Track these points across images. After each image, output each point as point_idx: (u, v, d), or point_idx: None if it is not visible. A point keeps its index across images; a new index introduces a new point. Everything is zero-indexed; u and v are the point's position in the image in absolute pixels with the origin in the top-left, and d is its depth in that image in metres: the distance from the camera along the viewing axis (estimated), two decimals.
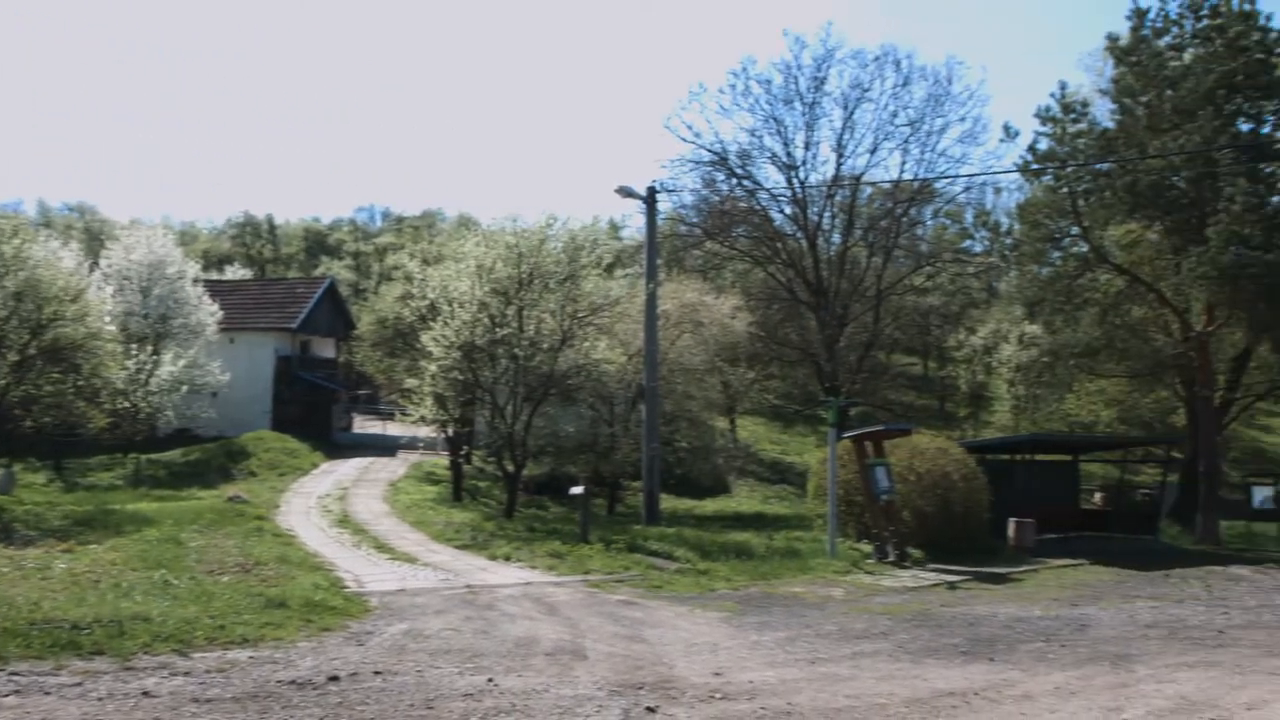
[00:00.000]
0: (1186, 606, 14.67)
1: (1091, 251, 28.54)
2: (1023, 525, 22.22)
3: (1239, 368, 32.71)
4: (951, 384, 50.95)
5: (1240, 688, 8.98)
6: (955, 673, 9.14)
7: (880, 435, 19.87)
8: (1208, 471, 28.84)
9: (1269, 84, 25.54)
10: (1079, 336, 30.43)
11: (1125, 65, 27.59)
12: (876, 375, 37.98)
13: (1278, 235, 24.50)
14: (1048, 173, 27.86)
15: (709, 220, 34.18)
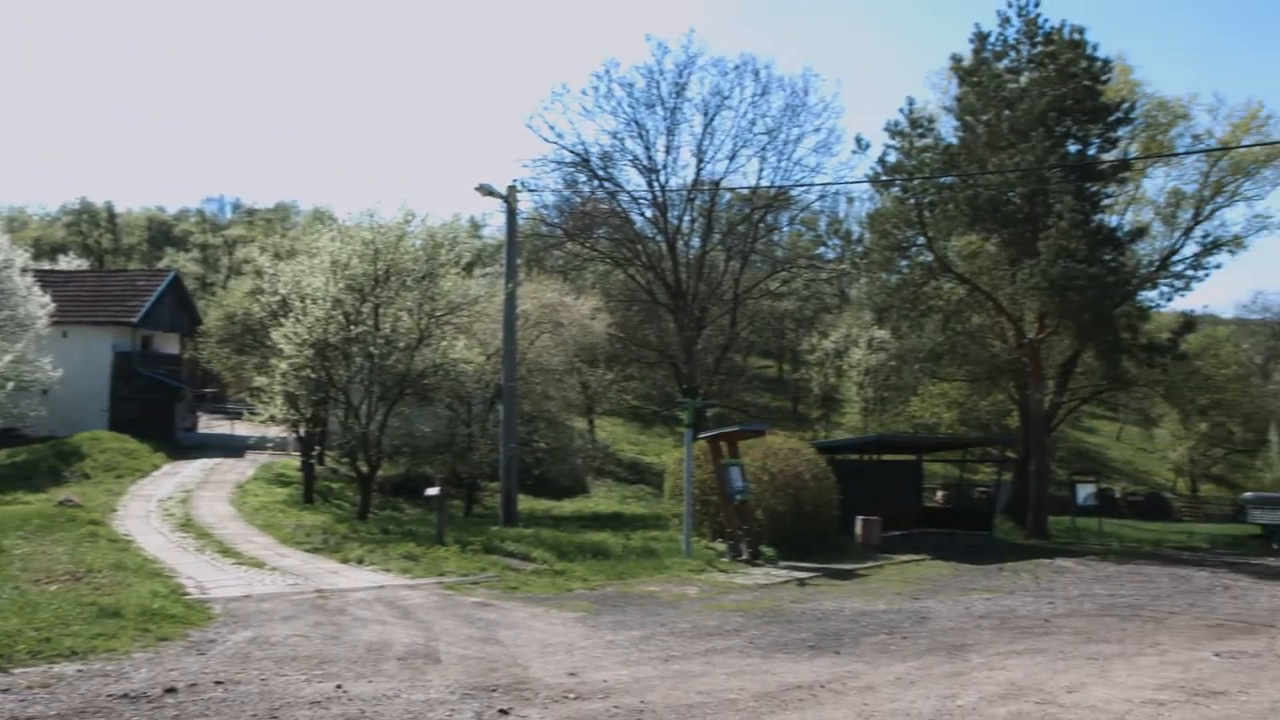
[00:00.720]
0: (1017, 598, 15.54)
1: (936, 261, 29.93)
2: (869, 523, 23.09)
3: (1066, 373, 34.85)
4: (804, 386, 52.52)
5: (1063, 672, 9.59)
6: (803, 666, 9.46)
7: (735, 436, 20.31)
8: (1038, 471, 30.61)
9: (1095, 109, 27.31)
10: (924, 342, 31.89)
11: (968, 85, 29.03)
12: (733, 377, 38.80)
13: (1100, 250, 26.24)
14: (896, 184, 29.04)
15: (570, 221, 34.28)
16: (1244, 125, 34.52)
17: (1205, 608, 15.12)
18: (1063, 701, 8.33)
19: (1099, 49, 27.63)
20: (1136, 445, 64.37)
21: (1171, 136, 34.69)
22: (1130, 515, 44.81)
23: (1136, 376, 32.49)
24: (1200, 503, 53.23)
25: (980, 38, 29.05)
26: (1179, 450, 54.29)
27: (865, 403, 44.98)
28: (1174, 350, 30.12)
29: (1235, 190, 34.70)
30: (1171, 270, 34.06)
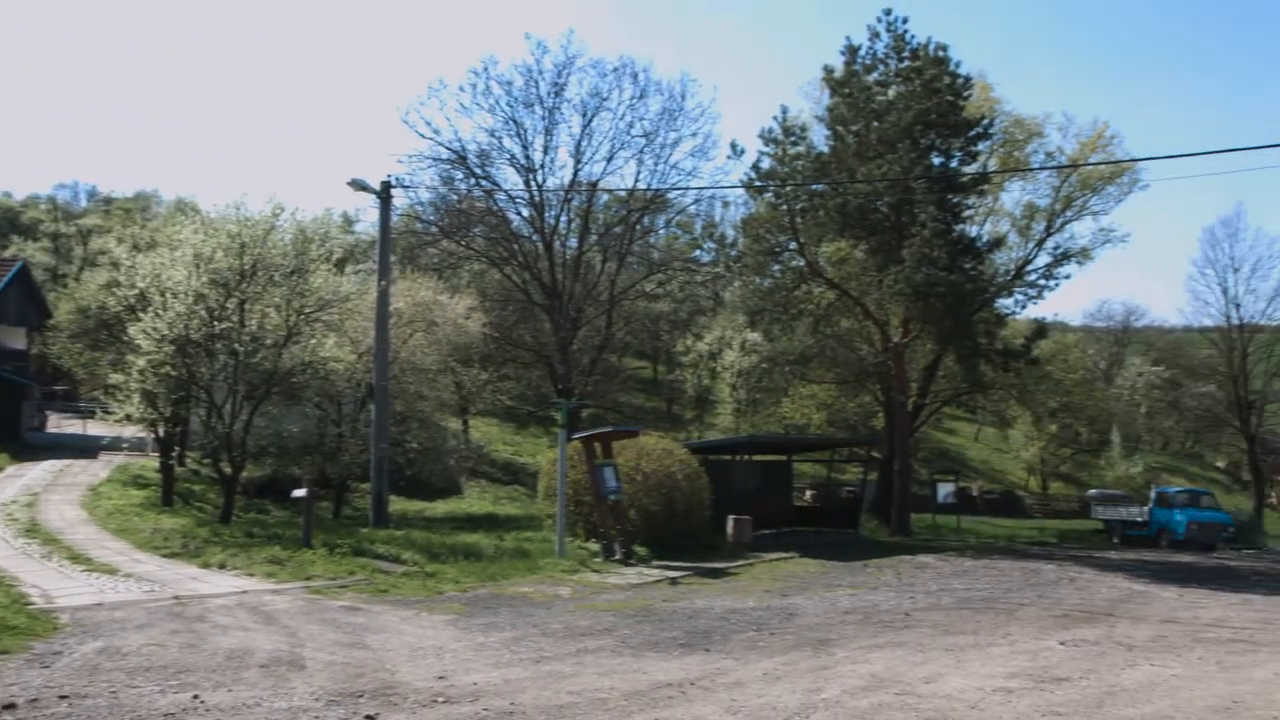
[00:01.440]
0: (880, 593, 16.09)
1: (807, 266, 30.70)
2: (740, 522, 23.53)
3: (929, 376, 36.23)
4: (679, 387, 53.08)
5: (921, 663, 9.99)
6: (674, 664, 9.59)
7: (609, 436, 20.42)
8: (902, 470, 31.71)
9: (957, 123, 28.48)
10: (794, 345, 32.67)
11: (839, 96, 29.88)
12: (608, 378, 38.98)
13: (961, 259, 27.36)
14: (769, 190, 29.66)
15: (446, 219, 33.83)
16: (1091, 144, 36.59)
17: (1052, 599, 15.95)
18: (920, 692, 8.68)
19: (961, 66, 28.87)
20: (993, 445, 67.28)
21: (1027, 152, 36.51)
22: (987, 512, 46.89)
23: (993, 380, 33.96)
24: (1050, 500, 56.01)
25: (851, 50, 29.94)
26: (1031, 450, 56.98)
27: (738, 404, 45.76)
28: (1027, 355, 31.62)
29: (1083, 205, 36.77)
30: (1025, 279, 35.83)
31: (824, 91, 31.83)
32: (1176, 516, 33.25)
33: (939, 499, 38.24)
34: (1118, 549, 31.21)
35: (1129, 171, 36.08)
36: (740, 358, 44.54)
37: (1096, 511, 40.49)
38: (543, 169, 32.98)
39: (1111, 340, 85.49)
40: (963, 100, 29.10)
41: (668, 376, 55.21)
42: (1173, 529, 32.99)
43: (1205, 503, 35.06)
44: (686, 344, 49.70)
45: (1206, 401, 62.13)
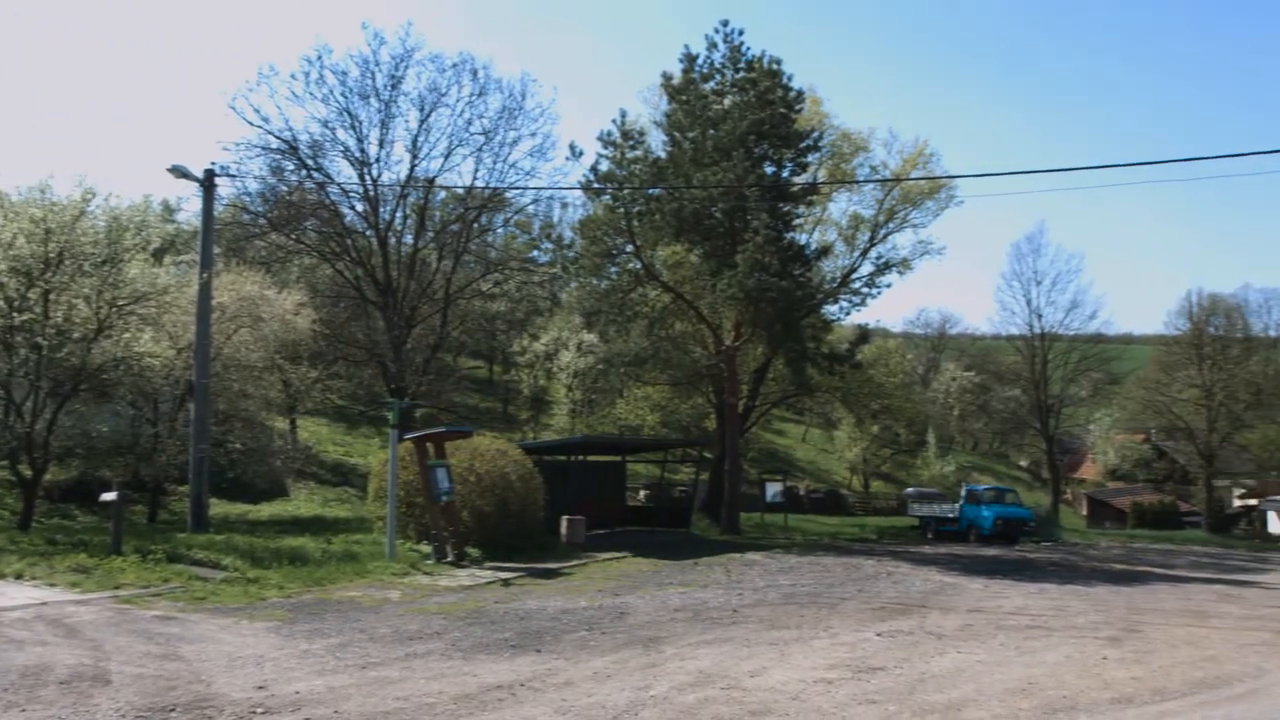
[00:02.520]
0: (710, 591, 16.46)
1: (643, 269, 31.10)
2: (574, 522, 23.63)
3: (759, 379, 37.28)
4: (515, 387, 52.83)
5: (748, 658, 10.29)
6: (504, 666, 9.55)
7: (442, 437, 20.14)
8: (732, 470, 32.50)
9: (789, 135, 29.44)
10: (630, 346, 32.99)
11: (677, 103, 30.40)
12: (442, 377, 38.41)
13: (791, 266, 28.29)
14: (607, 193, 29.89)
15: (275, 211, 32.49)
16: (913, 160, 38.48)
17: (871, 593, 16.71)
18: (746, 685, 8.95)
19: (794, 80, 29.86)
20: (819, 446, 69.85)
21: (853, 165, 38.07)
22: (812, 510, 48.63)
23: (819, 383, 35.23)
24: (871, 498, 58.60)
25: (690, 59, 30.52)
26: (854, 451, 59.44)
27: (573, 405, 45.90)
28: (851, 360, 32.97)
29: (905, 218, 38.60)
30: (851, 287, 37.34)
31: (662, 98, 32.32)
32: (984, 513, 35.37)
33: (767, 498, 39.43)
34: (932, 544, 32.92)
35: (946, 188, 38.12)
36: (576, 358, 44.69)
37: (913, 509, 42.64)
38: (378, 163, 32.15)
39: (929, 346, 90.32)
40: (795, 113, 30.10)
41: (504, 377, 54.88)
42: (980, 524, 35.07)
43: (1009, 500, 37.44)
44: (523, 344, 49.50)
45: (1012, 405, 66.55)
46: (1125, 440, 72.13)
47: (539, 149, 34.27)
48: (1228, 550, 35.88)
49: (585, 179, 29.87)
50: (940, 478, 60.23)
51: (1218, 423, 53.17)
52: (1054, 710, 8.29)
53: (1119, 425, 69.24)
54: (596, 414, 45.19)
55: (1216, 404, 52.70)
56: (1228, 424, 53.55)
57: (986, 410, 76.74)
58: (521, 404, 52.58)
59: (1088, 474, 78.41)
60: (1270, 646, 12.00)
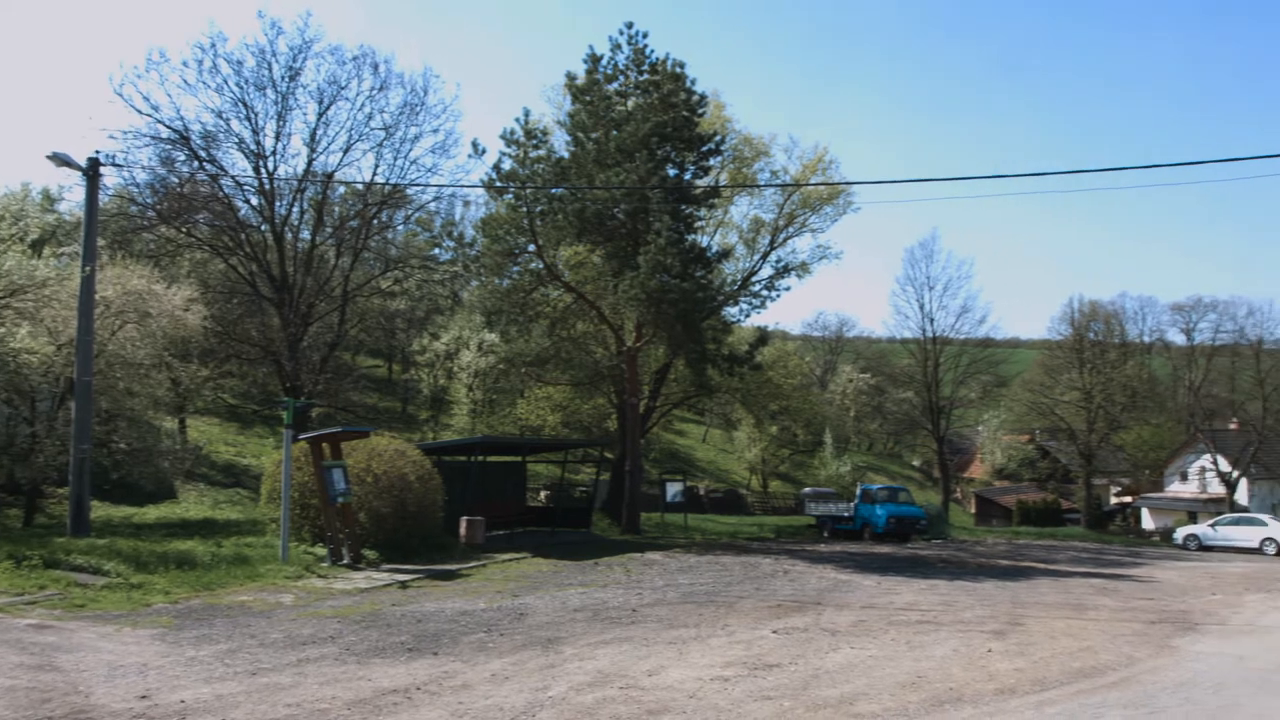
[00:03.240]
0: (609, 591, 16.51)
1: (545, 269, 30.98)
2: (473, 523, 23.44)
3: (660, 379, 37.51)
4: (414, 387, 52.09)
5: (646, 657, 10.36)
6: (400, 670, 9.42)
7: (338, 437, 19.75)
8: (633, 470, 32.62)
9: (691, 138, 29.69)
10: (531, 346, 32.84)
11: (580, 103, 30.36)
12: (340, 376, 37.59)
13: (692, 268, 28.53)
14: (509, 191, 29.69)
15: (165, 202, 31.33)
16: (812, 166, 39.23)
17: (768, 591, 16.98)
18: (644, 685, 9.01)
19: (697, 84, 30.12)
20: (719, 446, 70.63)
21: (755, 169, 38.62)
22: (712, 510, 49.17)
23: (720, 384, 35.61)
24: (770, 497, 59.51)
25: (594, 59, 30.52)
26: (753, 451, 60.26)
27: (474, 405, 45.50)
28: (751, 361, 33.39)
29: (804, 222, 39.34)
30: (751, 289, 37.86)
31: (566, 98, 32.24)
32: (878, 511, 36.29)
33: (668, 498, 39.73)
34: (827, 542, 33.62)
35: (844, 194, 38.99)
36: (477, 358, 44.30)
37: (809, 508, 43.48)
38: (274, 156, 31.30)
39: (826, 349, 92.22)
40: (698, 116, 30.37)
41: (403, 376, 54.04)
42: (874, 523, 35.98)
43: (902, 498, 38.49)
44: (423, 343, 48.86)
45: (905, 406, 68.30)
46: (1011, 440, 74.79)
47: (441, 146, 34.07)
48: (1105, 546, 37.54)
49: (488, 177, 29.63)
50: (837, 477, 61.48)
51: (1096, 424, 55.57)
52: (941, 702, 8.56)
53: (1006, 426, 71.76)
54: (497, 414, 44.87)
55: (1095, 406, 55.07)
56: (1105, 425, 56.01)
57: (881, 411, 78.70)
58: (421, 404, 51.89)
59: (976, 473, 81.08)
60: (1141, 636, 12.61)
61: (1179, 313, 67.49)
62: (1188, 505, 59.47)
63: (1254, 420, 55.76)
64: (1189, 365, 65.52)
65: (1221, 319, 63.19)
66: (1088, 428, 55.81)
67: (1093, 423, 55.57)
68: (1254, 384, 56.08)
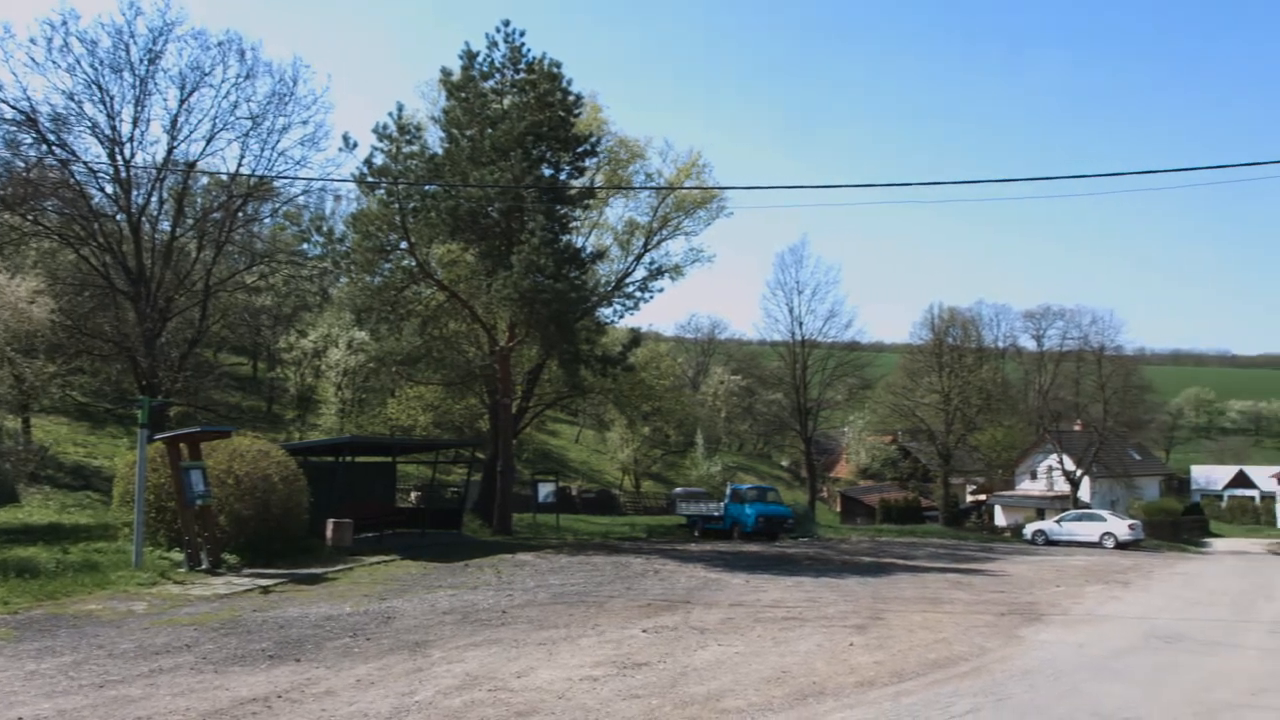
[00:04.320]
0: (479, 592, 16.39)
1: (417, 266, 30.47)
2: (340, 525, 22.91)
3: (533, 380, 37.37)
4: (280, 386, 50.53)
5: (516, 659, 10.34)
6: (260, 678, 9.16)
7: (197, 437, 19.04)
8: (505, 471, 32.41)
9: (567, 138, 29.70)
10: (402, 345, 32.23)
11: (455, 99, 30.00)
12: (200, 374, 36.13)
13: (566, 268, 28.52)
14: (381, 187, 29.11)
15: (9, 188, 29.52)
16: (687, 170, 39.75)
17: (639, 590, 17.14)
18: (513, 686, 9.00)
19: (574, 84, 30.10)
20: (592, 447, 70.78)
21: (630, 172, 38.87)
22: (585, 510, 49.24)
23: (592, 385, 35.68)
24: (642, 497, 59.96)
25: (470, 56, 30.18)
26: (626, 451, 60.63)
27: (343, 404, 44.45)
28: (624, 362, 33.58)
29: (678, 225, 39.81)
30: (624, 291, 38.12)
31: (441, 94, 31.74)
32: (747, 511, 37.01)
33: (540, 498, 39.61)
34: (698, 541, 34.09)
35: (717, 198, 39.61)
36: (346, 356, 43.31)
37: (680, 508, 44.02)
38: (131, 142, 29.82)
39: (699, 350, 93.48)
40: (574, 117, 30.38)
41: (269, 374, 52.31)
42: (744, 522, 36.67)
43: (771, 498, 39.36)
44: (290, 340, 47.44)
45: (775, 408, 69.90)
46: (875, 441, 77.36)
47: (311, 138, 32.75)
48: (961, 542, 39.20)
49: (359, 172, 28.93)
50: (708, 477, 62.41)
51: (954, 425, 57.99)
52: (804, 696, 8.82)
53: (870, 427, 74.18)
54: (367, 414, 43.94)
55: (953, 408, 57.46)
56: (962, 426, 58.51)
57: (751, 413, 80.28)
58: (288, 403, 50.37)
59: (842, 473, 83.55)
60: (992, 627, 13.24)
61: (1030, 320, 70.96)
62: (1036, 502, 62.72)
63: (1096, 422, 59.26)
64: (1039, 370, 68.96)
65: (1068, 326, 66.72)
66: (946, 429, 58.16)
67: (950, 424, 57.94)
68: (1096, 388, 59.55)
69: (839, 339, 56.71)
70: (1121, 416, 60.32)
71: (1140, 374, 69.50)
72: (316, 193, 36.70)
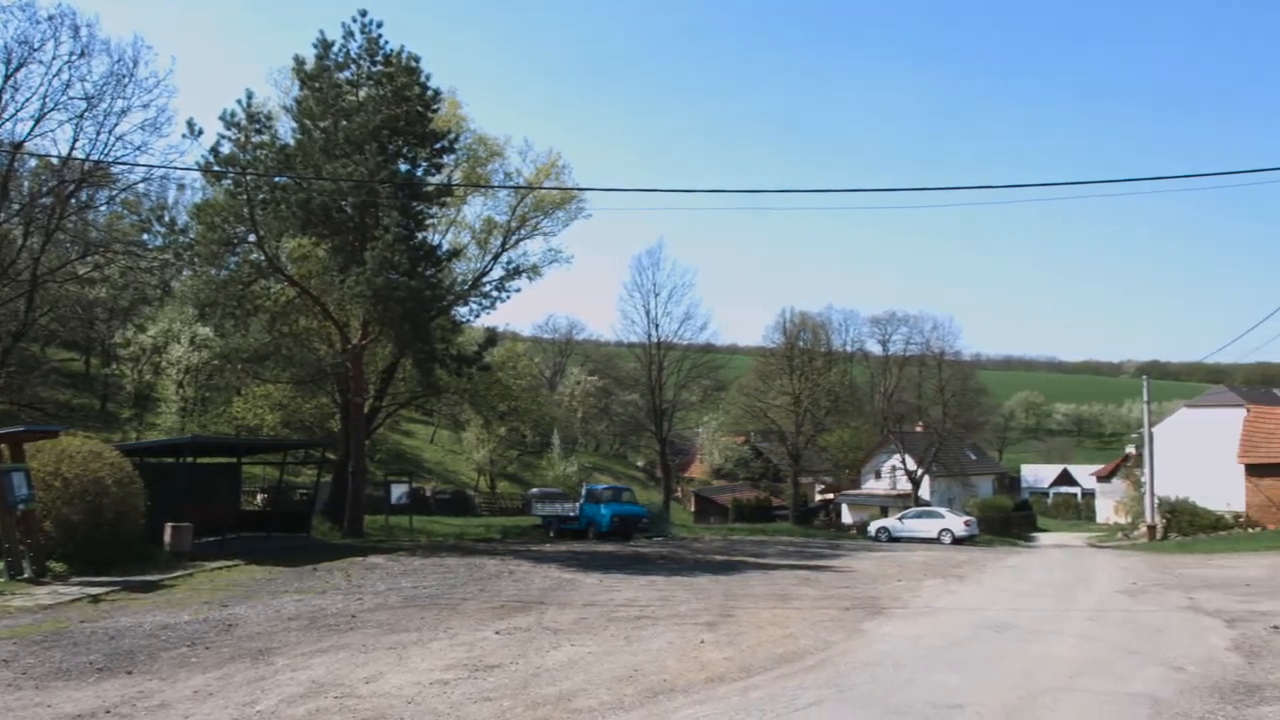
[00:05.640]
0: (328, 597, 15.96)
1: (266, 260, 29.43)
2: (180, 529, 21.94)
3: (387, 379, 36.62)
4: (116, 383, 47.92)
5: (364, 664, 10.13)
6: (88, 692, 8.69)
7: (20, 437, 17.90)
8: (356, 472, 31.66)
9: (425, 134, 29.21)
10: (249, 342, 31.11)
11: (309, 89, 29.11)
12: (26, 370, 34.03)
13: (422, 265, 28.08)
14: (228, 177, 28.01)
15: None
16: (546, 170, 39.68)
17: (492, 592, 17.02)
18: (361, 693, 8.82)
19: (432, 79, 29.64)
20: (447, 447, 69.80)
21: (489, 170, 38.57)
22: (439, 511, 48.56)
23: (448, 384, 35.24)
24: (498, 498, 59.54)
25: (325, 45, 29.35)
26: (482, 452, 60.10)
27: (185, 403, 42.56)
28: (480, 362, 33.27)
29: (536, 225, 39.73)
30: (481, 290, 37.74)
31: (294, 83, 30.77)
32: (602, 511, 37.25)
33: (393, 499, 38.89)
34: (553, 542, 34.09)
35: (576, 199, 39.67)
36: (189, 353, 41.50)
37: (536, 508, 43.94)
38: None
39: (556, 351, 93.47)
40: (432, 112, 29.91)
41: (104, 371, 49.54)
42: (599, 522, 36.90)
43: (626, 498, 39.74)
44: (127, 336, 45.07)
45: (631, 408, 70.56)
46: (729, 442, 78.94)
47: (153, 123, 31.17)
48: (809, 540, 40.40)
49: (205, 160, 27.74)
50: (564, 478, 62.46)
51: (803, 426, 59.81)
52: (655, 694, 8.94)
53: (724, 428, 75.68)
54: (211, 413, 42.20)
55: (803, 410, 59.26)
56: (811, 427, 60.41)
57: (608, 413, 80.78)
58: (124, 401, 47.84)
59: (696, 473, 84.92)
60: (836, 622, 13.72)
61: (877, 325, 73.66)
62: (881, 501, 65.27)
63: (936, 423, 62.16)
64: (884, 373, 71.68)
65: (912, 332, 69.59)
66: (796, 430, 59.90)
67: (800, 425, 59.71)
68: (936, 391, 62.48)
69: (694, 341, 57.72)
70: (959, 418, 63.48)
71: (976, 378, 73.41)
72: (158, 180, 35.17)
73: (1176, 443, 48.22)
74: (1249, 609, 14.89)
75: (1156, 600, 16.68)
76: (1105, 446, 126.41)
